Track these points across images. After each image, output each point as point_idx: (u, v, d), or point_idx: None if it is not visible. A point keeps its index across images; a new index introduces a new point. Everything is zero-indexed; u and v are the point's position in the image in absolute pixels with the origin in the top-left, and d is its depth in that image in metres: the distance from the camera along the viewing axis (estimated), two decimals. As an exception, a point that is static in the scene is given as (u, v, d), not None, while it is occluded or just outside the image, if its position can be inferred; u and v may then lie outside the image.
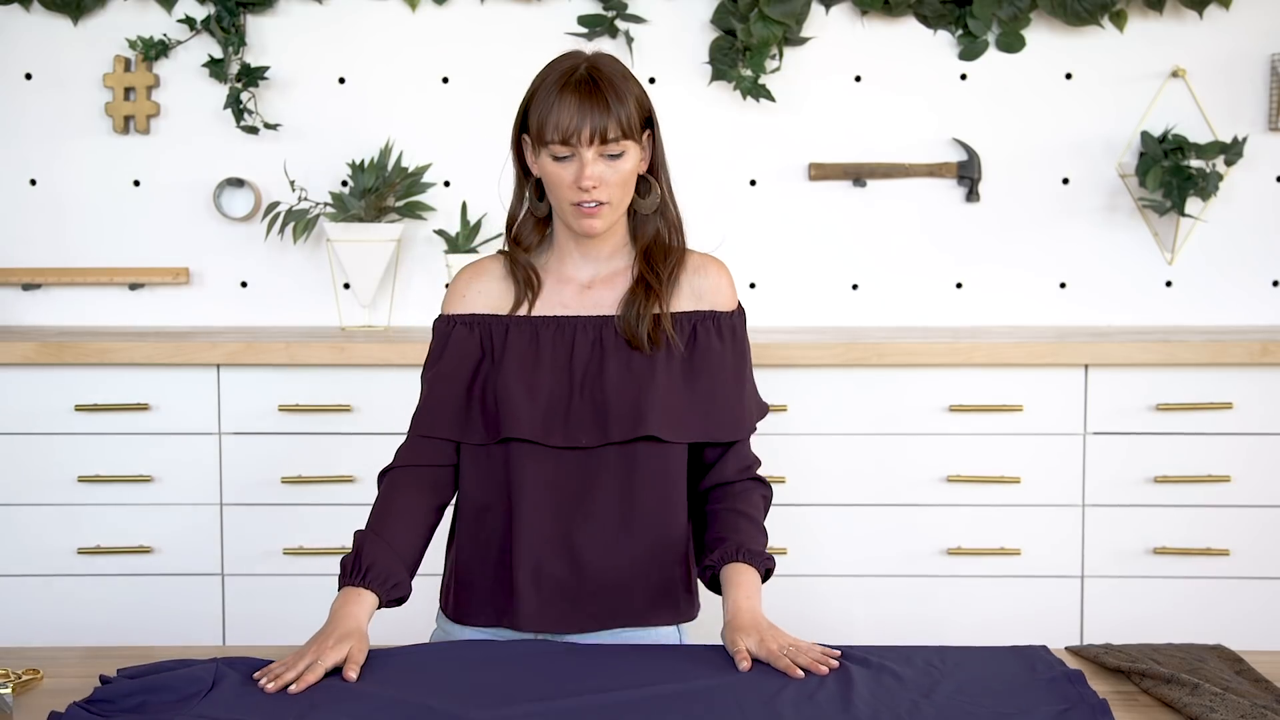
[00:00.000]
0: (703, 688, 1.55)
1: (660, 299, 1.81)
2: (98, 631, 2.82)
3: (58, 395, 2.88)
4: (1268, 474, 2.86)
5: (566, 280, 1.85)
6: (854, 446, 2.88)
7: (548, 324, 1.82)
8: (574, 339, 1.81)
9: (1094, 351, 2.83)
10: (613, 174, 1.76)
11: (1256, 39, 3.24)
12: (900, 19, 3.27)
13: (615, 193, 1.77)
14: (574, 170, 1.74)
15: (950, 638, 2.58)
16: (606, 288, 1.84)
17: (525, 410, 1.77)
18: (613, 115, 1.73)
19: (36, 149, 3.31)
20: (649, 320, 1.79)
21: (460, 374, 1.83)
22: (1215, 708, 1.48)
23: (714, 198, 3.31)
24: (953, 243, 3.31)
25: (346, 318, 3.26)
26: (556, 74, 1.76)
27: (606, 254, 1.85)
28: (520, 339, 1.81)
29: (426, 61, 3.30)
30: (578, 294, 1.84)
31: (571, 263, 1.86)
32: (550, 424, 1.78)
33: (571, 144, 1.73)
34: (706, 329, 1.83)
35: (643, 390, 1.78)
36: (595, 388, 1.78)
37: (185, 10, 3.27)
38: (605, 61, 1.79)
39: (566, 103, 1.73)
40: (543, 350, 1.81)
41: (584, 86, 1.74)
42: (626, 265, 1.85)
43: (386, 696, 1.51)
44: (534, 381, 1.79)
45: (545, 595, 1.80)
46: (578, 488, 1.79)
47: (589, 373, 1.79)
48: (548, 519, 1.79)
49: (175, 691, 1.51)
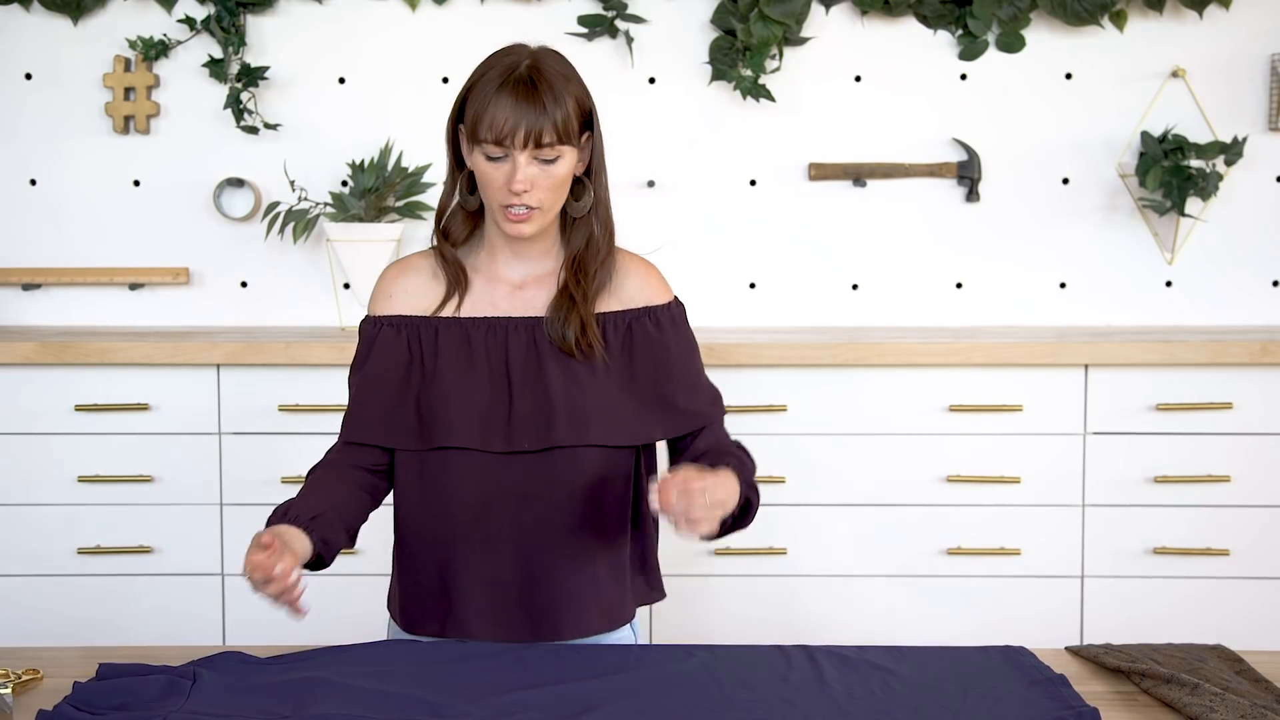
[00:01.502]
0: (678, 671, 1.58)
1: (582, 308, 1.75)
2: (98, 632, 2.82)
3: (58, 395, 2.88)
4: (1268, 474, 2.86)
5: (497, 280, 1.81)
6: (854, 446, 2.88)
7: (478, 325, 1.77)
8: (507, 341, 1.76)
9: (1094, 351, 2.83)
10: (545, 178, 1.71)
11: (1256, 39, 3.24)
12: (900, 19, 3.27)
13: (546, 197, 1.72)
14: (506, 172, 1.70)
15: (950, 638, 2.59)
16: (538, 288, 1.80)
17: (462, 415, 1.73)
18: (549, 118, 1.68)
19: (36, 149, 3.31)
20: (576, 327, 1.74)
21: (389, 377, 1.78)
22: (1215, 708, 1.48)
23: (714, 198, 3.31)
24: (953, 243, 3.31)
25: (346, 318, 3.26)
26: (498, 70, 1.71)
27: (538, 254, 1.81)
28: (451, 341, 1.77)
29: (426, 61, 3.30)
30: (508, 294, 1.80)
31: (502, 261, 1.81)
32: (489, 429, 1.73)
33: (505, 145, 1.68)
34: (643, 325, 1.79)
35: (585, 393, 1.74)
36: (536, 390, 1.74)
37: (185, 10, 3.27)
38: (548, 60, 1.73)
39: (503, 102, 1.68)
40: (475, 352, 1.76)
41: (522, 87, 1.68)
42: (557, 266, 1.81)
43: (373, 689, 1.51)
44: (469, 385, 1.75)
45: (489, 603, 1.76)
46: (520, 493, 1.75)
47: (527, 375, 1.75)
48: (489, 525, 1.75)
49: (157, 691, 1.50)
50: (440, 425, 1.74)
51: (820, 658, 1.62)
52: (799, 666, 1.60)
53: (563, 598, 1.77)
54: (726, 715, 1.46)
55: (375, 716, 1.44)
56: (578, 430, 1.73)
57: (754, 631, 2.78)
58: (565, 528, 1.76)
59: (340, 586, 2.84)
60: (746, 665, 1.60)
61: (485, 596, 1.76)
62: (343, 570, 2.60)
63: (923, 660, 1.63)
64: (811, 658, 1.63)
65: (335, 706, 1.47)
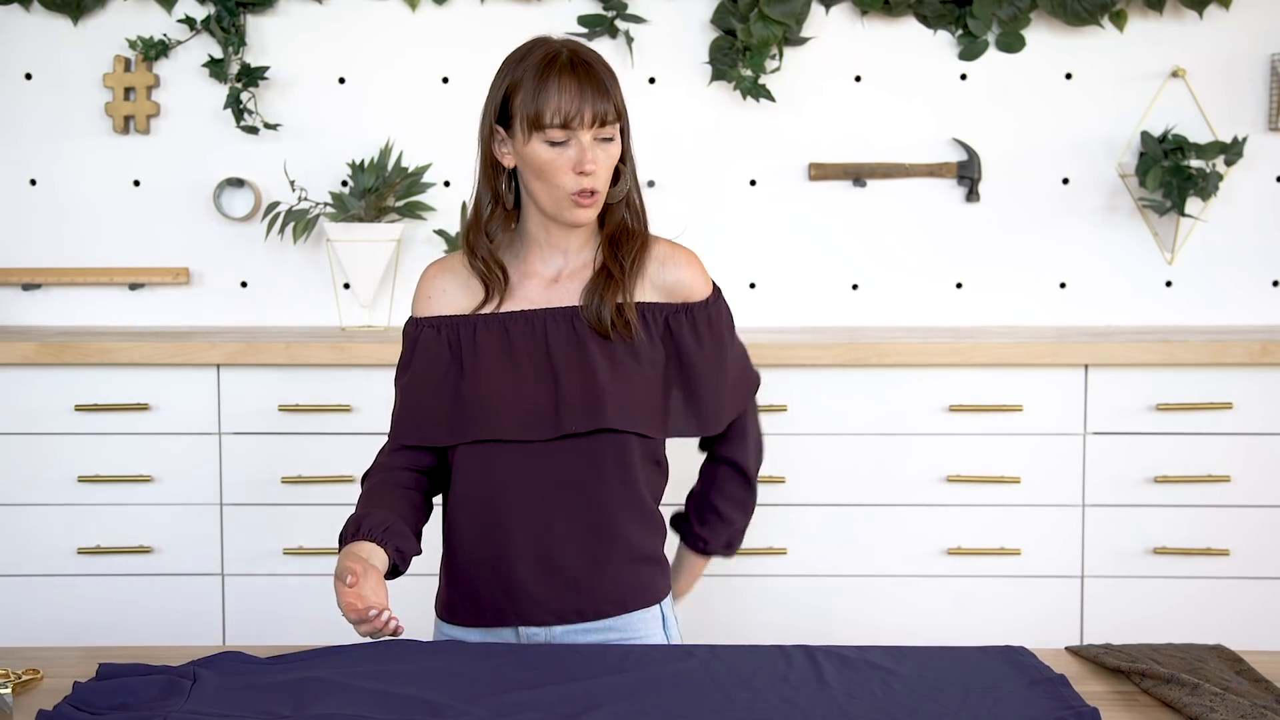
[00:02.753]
0: (678, 670, 1.58)
1: (623, 288, 1.78)
2: (98, 631, 2.82)
3: (58, 395, 2.88)
4: (1268, 474, 2.86)
5: (532, 275, 1.82)
6: (854, 446, 2.88)
7: (516, 319, 1.79)
8: (546, 330, 1.78)
9: (1094, 351, 2.83)
10: (606, 159, 1.74)
11: (1256, 39, 3.24)
12: (900, 19, 3.27)
13: (605, 178, 1.76)
14: (571, 156, 1.72)
15: (950, 638, 2.59)
16: (574, 280, 1.81)
17: (506, 408, 1.76)
18: (610, 98, 1.72)
19: (36, 149, 3.31)
20: (612, 308, 1.76)
21: (432, 378, 1.80)
22: (1215, 708, 1.48)
23: (714, 198, 3.31)
24: (952, 243, 3.31)
25: (346, 318, 3.26)
26: (538, 61, 1.73)
27: (576, 246, 1.82)
28: (490, 337, 1.79)
29: (426, 62, 3.30)
30: (545, 288, 1.81)
31: (539, 256, 1.82)
32: (535, 418, 1.76)
33: (572, 127, 1.71)
34: (680, 322, 1.81)
35: (629, 379, 1.76)
36: (582, 375, 1.76)
37: (185, 10, 3.27)
38: (582, 47, 1.77)
39: (566, 86, 1.70)
40: (516, 345, 1.78)
41: (581, 69, 1.72)
42: (593, 257, 1.83)
43: (373, 689, 1.51)
44: (512, 377, 1.77)
45: (543, 590, 1.79)
46: (568, 479, 1.77)
47: (570, 362, 1.77)
48: (539, 514, 1.77)
49: (157, 691, 1.50)
50: (484, 419, 1.76)
51: (820, 658, 1.62)
52: (799, 666, 1.60)
53: (609, 579, 1.80)
54: (726, 715, 1.46)
55: (375, 716, 1.44)
56: (624, 414, 1.76)
57: (754, 631, 2.78)
58: (611, 511, 1.79)
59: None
60: (746, 665, 1.60)
61: (539, 583, 1.79)
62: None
63: (923, 660, 1.63)
64: (811, 658, 1.63)
65: (335, 706, 1.47)
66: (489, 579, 1.81)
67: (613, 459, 1.77)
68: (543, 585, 1.79)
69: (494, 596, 1.81)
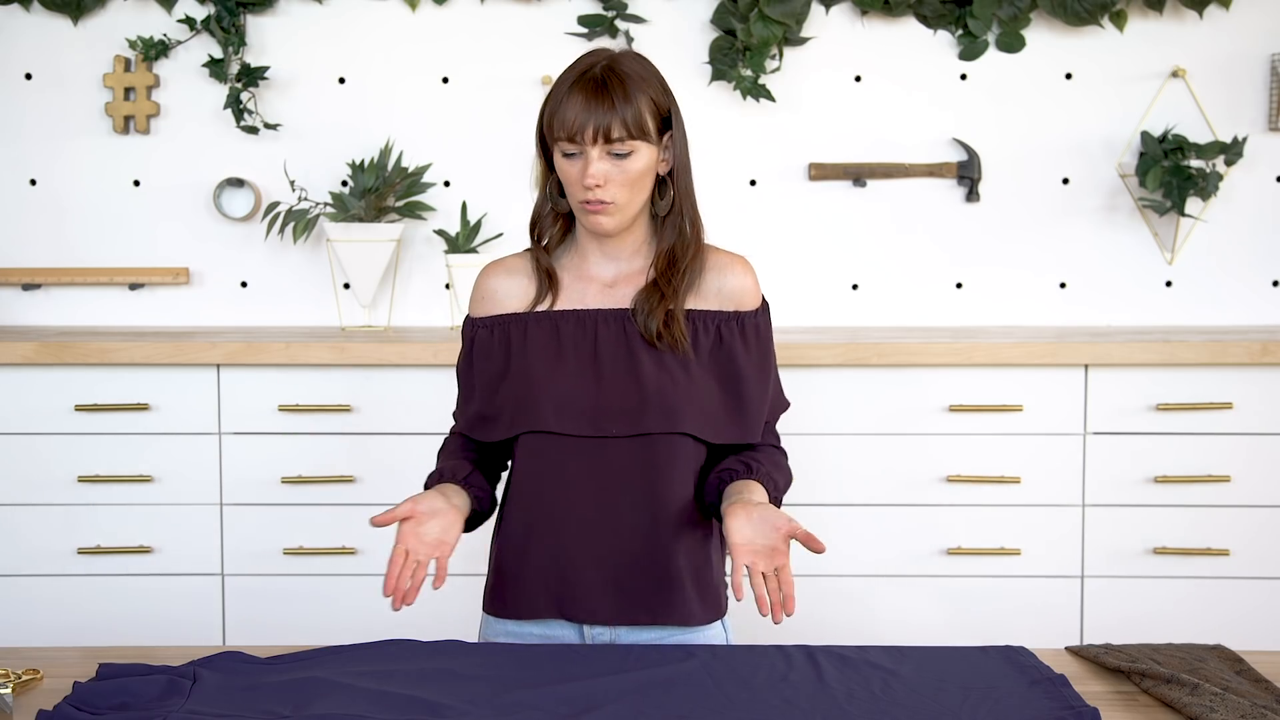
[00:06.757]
0: (678, 670, 1.58)
1: (670, 301, 1.81)
2: (97, 631, 2.82)
3: (58, 395, 2.88)
4: (1268, 474, 2.86)
5: (588, 279, 1.86)
6: (854, 446, 2.88)
7: (567, 317, 1.84)
8: (597, 330, 1.82)
9: (1094, 351, 2.83)
10: (619, 174, 1.77)
11: (1256, 39, 3.24)
12: (900, 19, 3.27)
13: (621, 192, 1.78)
14: (580, 167, 1.77)
15: (950, 638, 2.59)
16: (629, 286, 1.85)
17: (548, 401, 1.79)
18: (618, 115, 1.75)
19: (36, 149, 3.31)
20: (660, 318, 1.80)
21: (484, 375, 1.86)
22: (1215, 708, 1.48)
23: (714, 198, 3.30)
24: (953, 243, 3.31)
25: (346, 318, 3.26)
26: (575, 71, 1.78)
27: (628, 253, 1.87)
28: (540, 334, 1.83)
29: (426, 61, 3.30)
30: (600, 292, 1.85)
31: (593, 261, 1.87)
32: (577, 414, 1.79)
33: (577, 141, 1.75)
34: (731, 330, 1.85)
35: (677, 385, 1.79)
36: (628, 378, 1.79)
37: (185, 10, 3.27)
38: (626, 61, 1.80)
39: (575, 100, 1.75)
40: (564, 342, 1.82)
41: (592, 85, 1.75)
42: (647, 264, 1.87)
43: (373, 689, 1.51)
44: (556, 371, 1.80)
45: (599, 586, 1.80)
46: (619, 478, 1.79)
47: (618, 364, 1.80)
48: (590, 509, 1.79)
49: (157, 691, 1.51)
50: (527, 411, 1.80)
51: (820, 658, 1.62)
52: (799, 666, 1.60)
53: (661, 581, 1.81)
54: (726, 715, 1.46)
55: (375, 716, 1.44)
56: (669, 418, 1.78)
57: (754, 631, 2.78)
58: (665, 514, 1.80)
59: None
60: (746, 665, 1.61)
61: (596, 578, 1.80)
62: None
63: (923, 660, 1.63)
64: (811, 658, 1.63)
65: (335, 706, 1.47)
66: (536, 570, 1.82)
67: (665, 460, 1.79)
68: (597, 580, 1.80)
69: (543, 588, 1.82)
